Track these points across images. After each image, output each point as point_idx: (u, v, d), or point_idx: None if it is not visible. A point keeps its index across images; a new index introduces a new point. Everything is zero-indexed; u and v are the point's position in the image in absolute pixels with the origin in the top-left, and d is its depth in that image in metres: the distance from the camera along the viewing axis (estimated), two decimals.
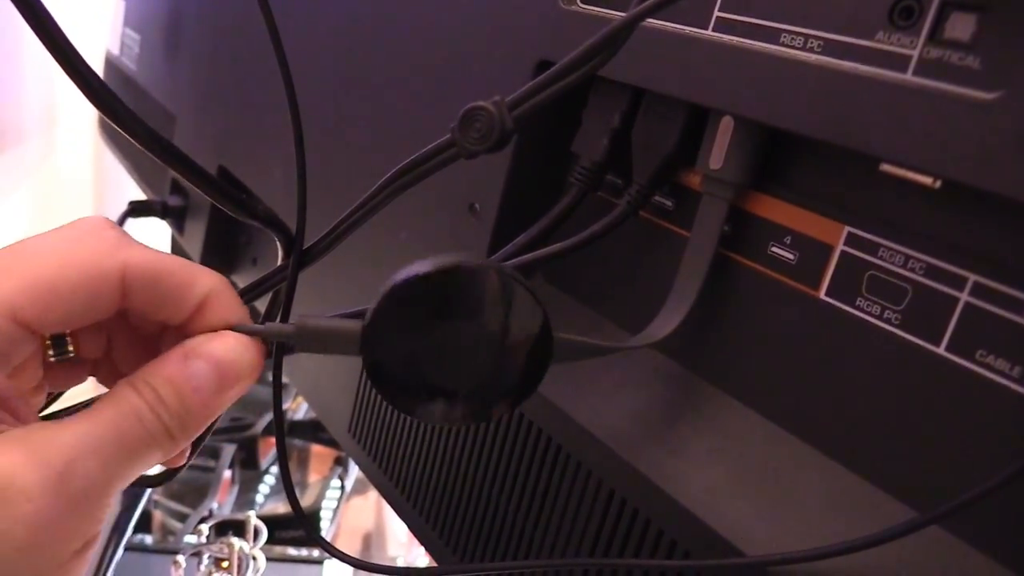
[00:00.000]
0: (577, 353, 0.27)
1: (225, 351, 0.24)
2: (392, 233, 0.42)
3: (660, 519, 0.28)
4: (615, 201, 0.32)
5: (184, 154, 0.24)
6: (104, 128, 0.99)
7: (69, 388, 0.27)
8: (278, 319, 0.28)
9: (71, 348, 0.26)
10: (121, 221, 0.73)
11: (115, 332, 0.27)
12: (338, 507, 1.11)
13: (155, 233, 1.20)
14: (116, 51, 0.91)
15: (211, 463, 1.03)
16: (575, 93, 0.34)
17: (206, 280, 0.24)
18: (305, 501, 1.09)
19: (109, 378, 0.27)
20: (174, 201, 0.75)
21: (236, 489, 1.09)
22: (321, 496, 1.11)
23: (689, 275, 0.29)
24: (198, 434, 0.24)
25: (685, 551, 0.27)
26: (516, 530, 0.34)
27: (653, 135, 0.31)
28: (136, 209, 0.75)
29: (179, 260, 0.24)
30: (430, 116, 0.41)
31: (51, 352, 0.25)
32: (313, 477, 1.19)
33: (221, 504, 1.02)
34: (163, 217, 0.76)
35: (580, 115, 0.34)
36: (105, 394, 0.23)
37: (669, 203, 0.32)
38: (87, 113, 1.23)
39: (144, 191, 0.84)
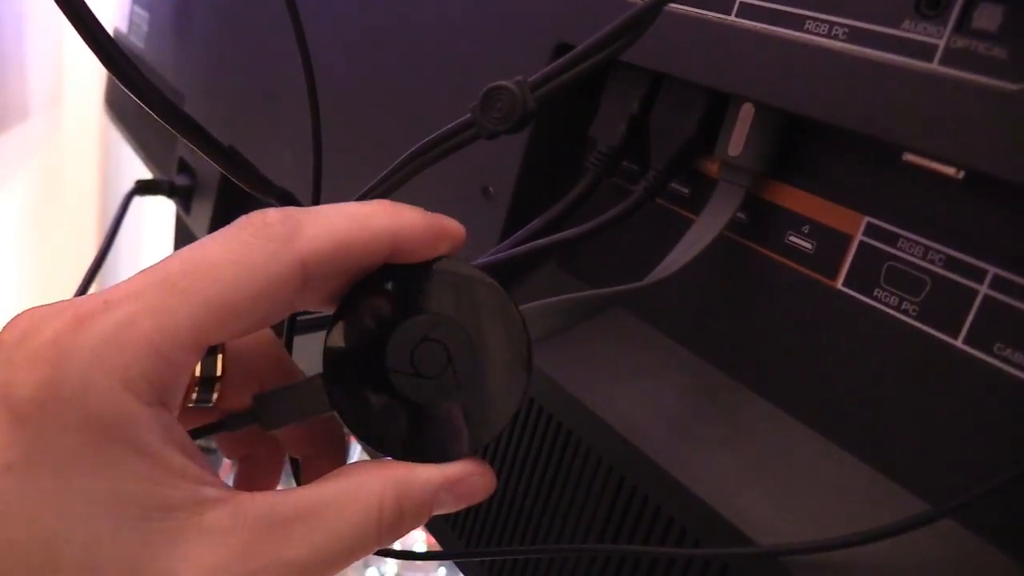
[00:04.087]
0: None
1: (475, 491, 0.23)
2: None
3: (671, 507, 0.28)
4: (630, 188, 0.32)
5: (200, 125, 0.23)
6: (110, 105, 0.99)
7: None
8: None
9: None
10: (127, 200, 0.73)
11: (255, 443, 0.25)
12: None
13: (161, 212, 1.20)
14: (124, 29, 0.90)
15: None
16: (594, 77, 0.34)
17: (380, 224, 0.22)
18: None
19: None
20: (181, 181, 0.74)
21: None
22: None
23: (690, 244, 0.29)
24: None
25: (695, 540, 0.27)
26: (524, 515, 0.34)
27: (672, 120, 0.30)
28: (143, 188, 0.75)
29: (352, 223, 0.22)
30: (447, 100, 0.40)
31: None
32: None
33: None
34: (170, 196, 0.75)
35: (598, 99, 0.33)
36: (349, 486, 0.21)
37: (686, 190, 0.31)
38: (93, 91, 1.23)
39: (151, 170, 0.84)
